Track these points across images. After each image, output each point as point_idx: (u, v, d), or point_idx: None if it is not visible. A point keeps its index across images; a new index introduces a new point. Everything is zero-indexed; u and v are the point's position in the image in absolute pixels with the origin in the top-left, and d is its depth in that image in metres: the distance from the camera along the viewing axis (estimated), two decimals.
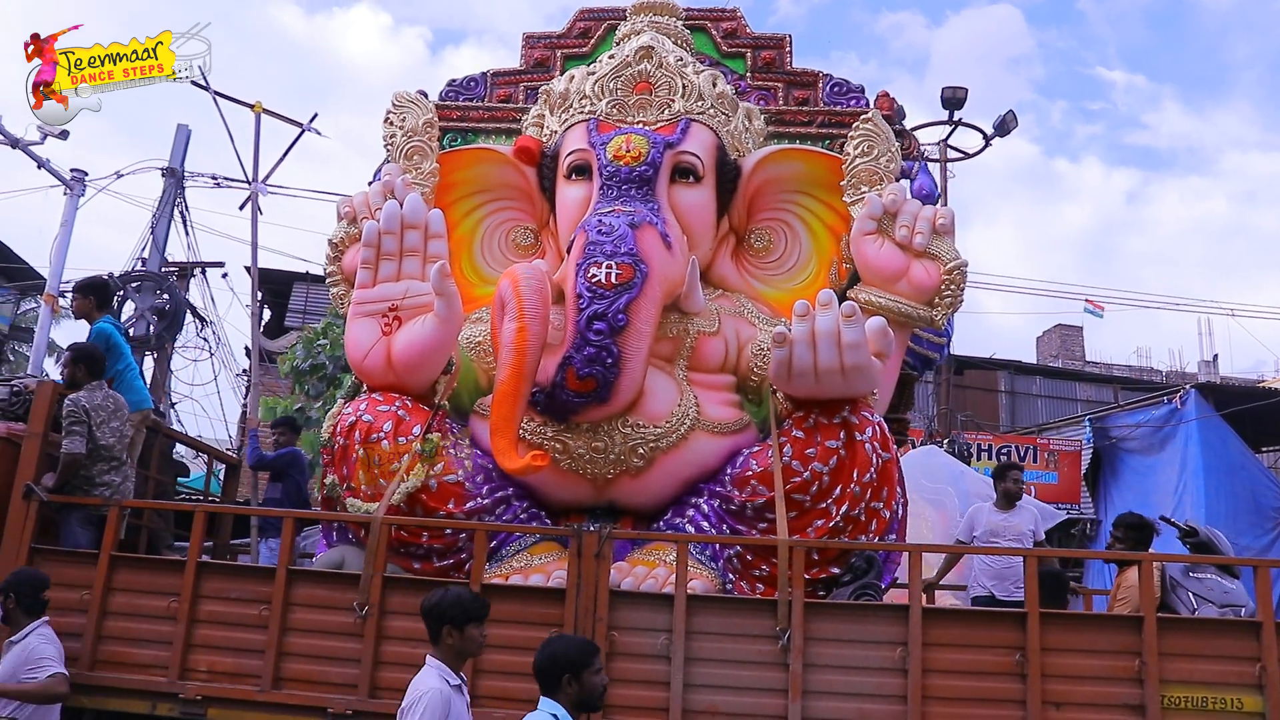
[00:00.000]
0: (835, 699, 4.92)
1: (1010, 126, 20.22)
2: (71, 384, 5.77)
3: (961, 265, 6.16)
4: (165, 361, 17.66)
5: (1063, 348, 24.65)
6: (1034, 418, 21.83)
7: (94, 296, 6.30)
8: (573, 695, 3.62)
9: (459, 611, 3.96)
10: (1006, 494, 7.14)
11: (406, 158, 6.47)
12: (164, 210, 17.15)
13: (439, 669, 3.94)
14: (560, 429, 5.65)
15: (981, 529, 7.13)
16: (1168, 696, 4.84)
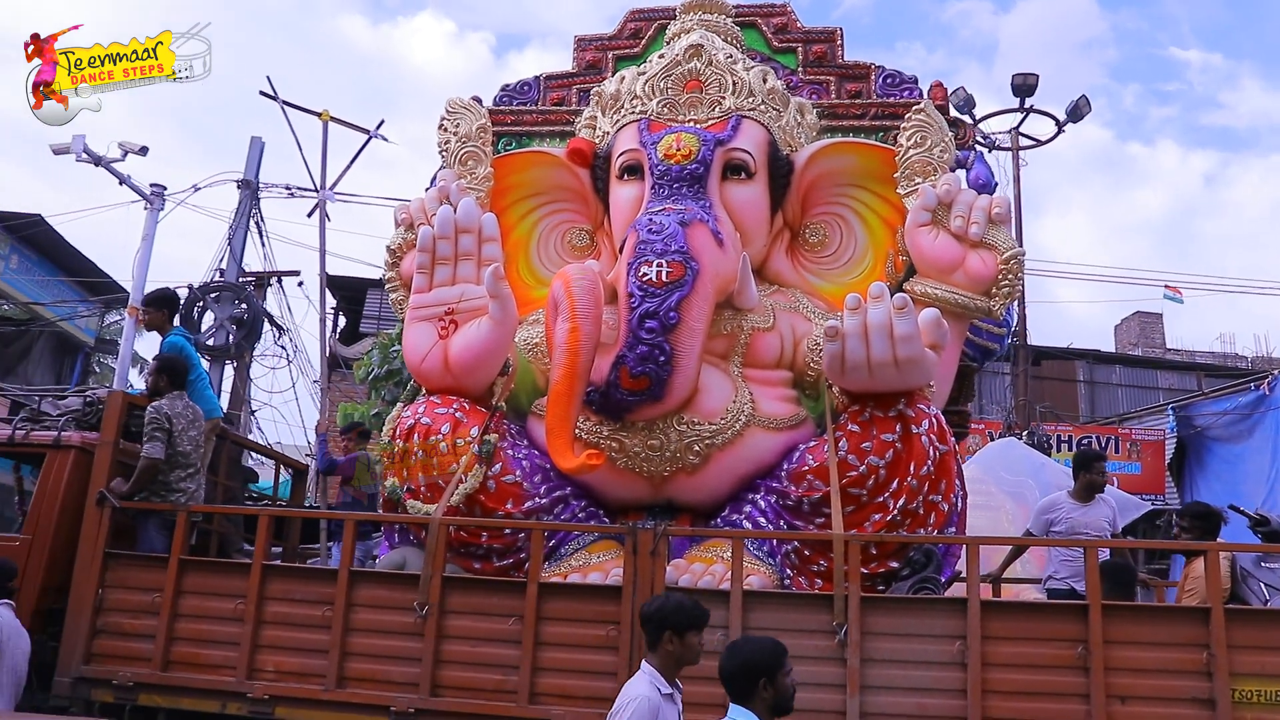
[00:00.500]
0: (893, 694, 4.89)
1: (1084, 111, 19.89)
2: (154, 392, 5.95)
3: (1018, 254, 6.07)
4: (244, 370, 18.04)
5: (1142, 335, 24.08)
6: (1114, 407, 21.38)
7: (166, 310, 6.49)
8: (769, 700, 3.50)
9: (682, 618, 3.84)
10: (1090, 485, 6.92)
11: (461, 163, 6.56)
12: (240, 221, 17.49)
13: (652, 676, 3.82)
14: (616, 428, 5.68)
15: (1063, 525, 6.96)
16: (1239, 690, 4.72)
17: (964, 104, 19.96)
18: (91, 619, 5.50)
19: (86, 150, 17.03)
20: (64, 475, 5.85)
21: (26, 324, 17.60)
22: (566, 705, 5.01)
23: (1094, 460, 6.91)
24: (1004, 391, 21.86)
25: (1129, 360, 22.76)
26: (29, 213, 16.83)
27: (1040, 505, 7.10)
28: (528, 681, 5.04)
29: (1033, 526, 7.07)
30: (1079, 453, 7.28)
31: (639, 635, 4.98)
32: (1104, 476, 6.84)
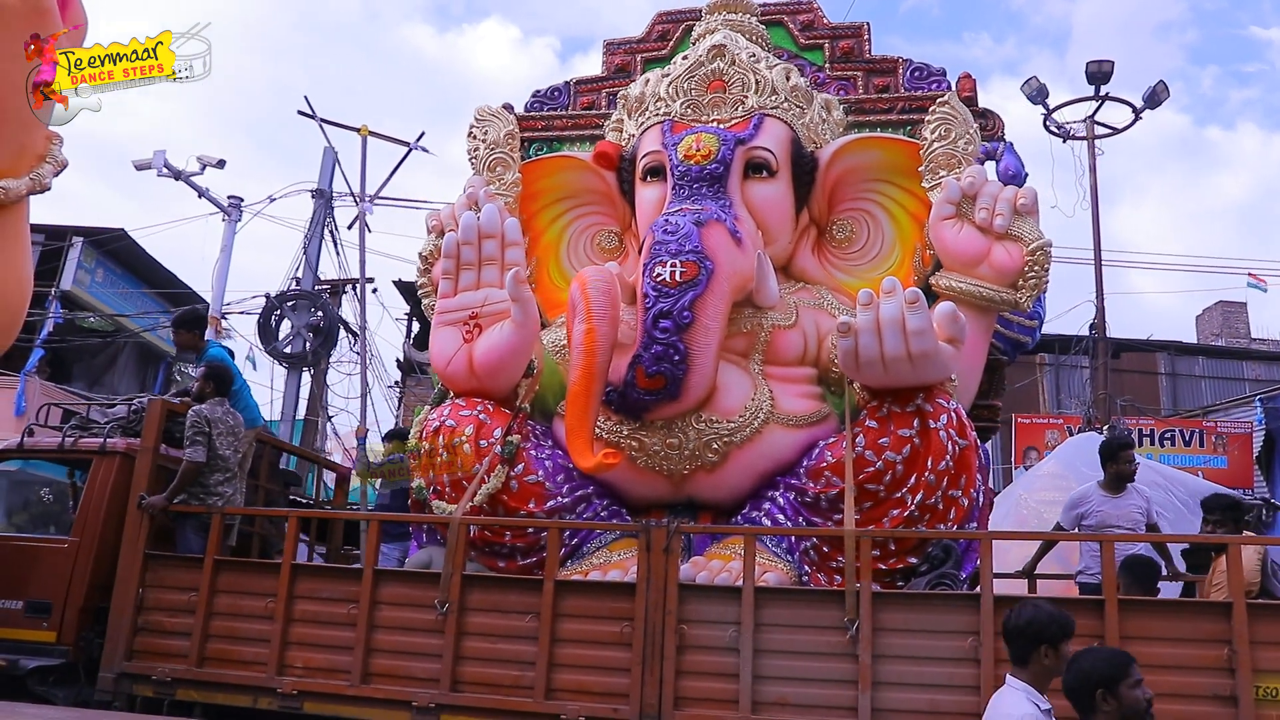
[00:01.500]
0: (906, 690, 4.88)
1: (1161, 97, 19.40)
2: (200, 398, 6.17)
3: (1045, 245, 5.99)
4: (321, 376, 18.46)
5: (1225, 325, 23.33)
6: (1198, 400, 20.81)
7: (196, 329, 6.73)
8: (1111, 713, 3.31)
9: (1058, 630, 3.56)
10: (1119, 476, 6.76)
11: (490, 169, 6.68)
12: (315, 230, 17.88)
13: (1027, 692, 3.52)
14: (635, 427, 5.75)
15: (1094, 519, 6.83)
16: (1263, 687, 4.63)
17: (1036, 94, 19.61)
18: (133, 617, 5.72)
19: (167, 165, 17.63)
20: (110, 480, 6.10)
21: (111, 335, 18.22)
22: (581, 701, 5.09)
23: (1119, 449, 6.72)
24: (1083, 386, 21.43)
25: (1212, 351, 22.10)
26: (113, 227, 17.42)
27: (1070, 498, 6.96)
28: (544, 677, 5.13)
29: (1063, 520, 6.94)
30: (1104, 442, 7.10)
31: (653, 631, 5.08)
32: (1132, 465, 6.65)
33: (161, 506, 5.83)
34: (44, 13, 3.96)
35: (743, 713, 4.91)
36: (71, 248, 16.97)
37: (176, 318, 7.17)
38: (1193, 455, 20.05)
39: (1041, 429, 20.75)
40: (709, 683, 5.05)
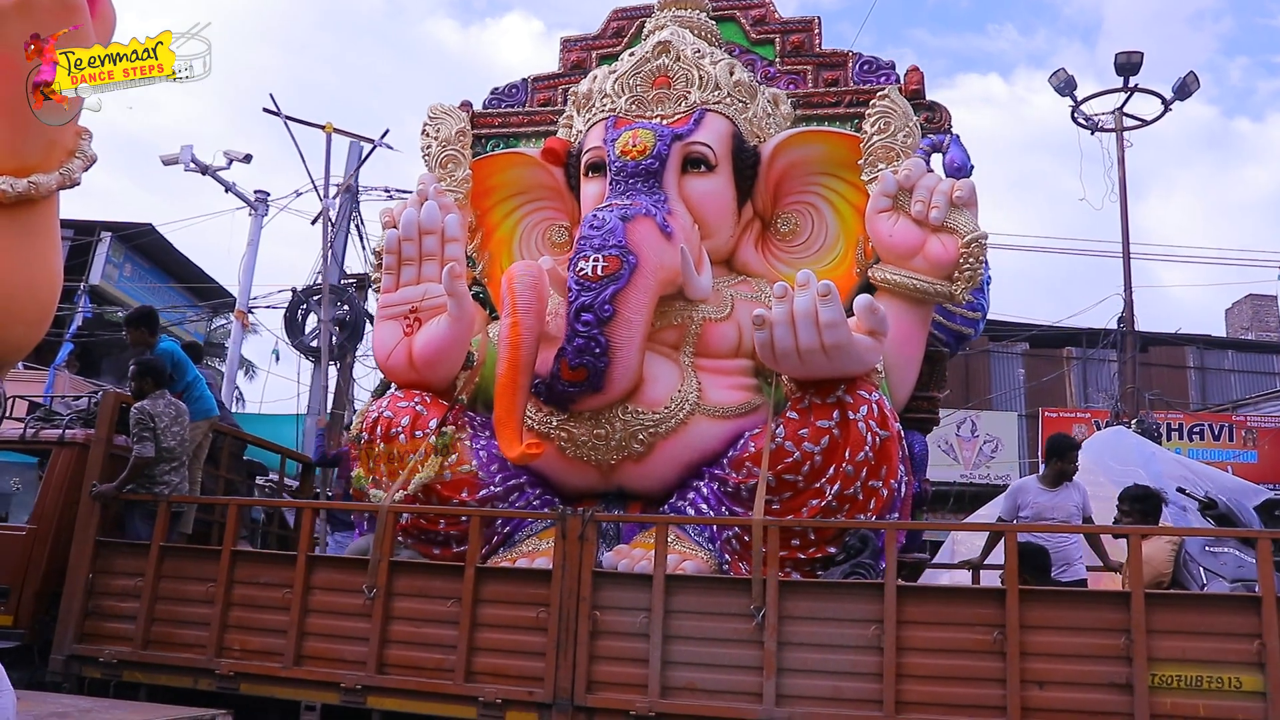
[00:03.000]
0: (810, 676, 4.98)
1: (1191, 89, 19.20)
2: (139, 394, 6.39)
3: (980, 237, 6.03)
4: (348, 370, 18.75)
5: (1255, 319, 22.95)
6: (1227, 394, 20.56)
7: (145, 327, 6.95)
8: None
9: None
10: (1060, 473, 6.85)
11: (441, 166, 6.84)
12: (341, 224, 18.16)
13: None
14: (564, 418, 5.88)
15: (1029, 510, 6.90)
16: (1158, 675, 4.68)
17: (1064, 85, 19.47)
18: (83, 602, 5.96)
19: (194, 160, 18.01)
20: (68, 470, 6.35)
21: None
22: (499, 684, 5.25)
23: (1069, 449, 6.84)
24: (1111, 379, 21.25)
25: (1242, 345, 21.83)
26: (140, 222, 17.87)
27: (1010, 489, 7.06)
28: (464, 660, 5.29)
29: (1002, 510, 7.01)
30: (1055, 438, 7.17)
31: (567, 616, 5.23)
32: (1075, 466, 6.75)
33: (111, 495, 6.06)
34: (72, 9, 4.12)
35: (651, 697, 5.04)
36: (100, 242, 17.41)
37: (127, 317, 7.40)
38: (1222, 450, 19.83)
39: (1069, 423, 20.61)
40: (620, 667, 5.18)
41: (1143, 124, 19.97)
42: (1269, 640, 4.59)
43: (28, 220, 4.89)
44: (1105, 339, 20.05)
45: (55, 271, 5.15)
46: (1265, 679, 4.57)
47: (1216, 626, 4.73)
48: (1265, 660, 4.58)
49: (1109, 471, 11.54)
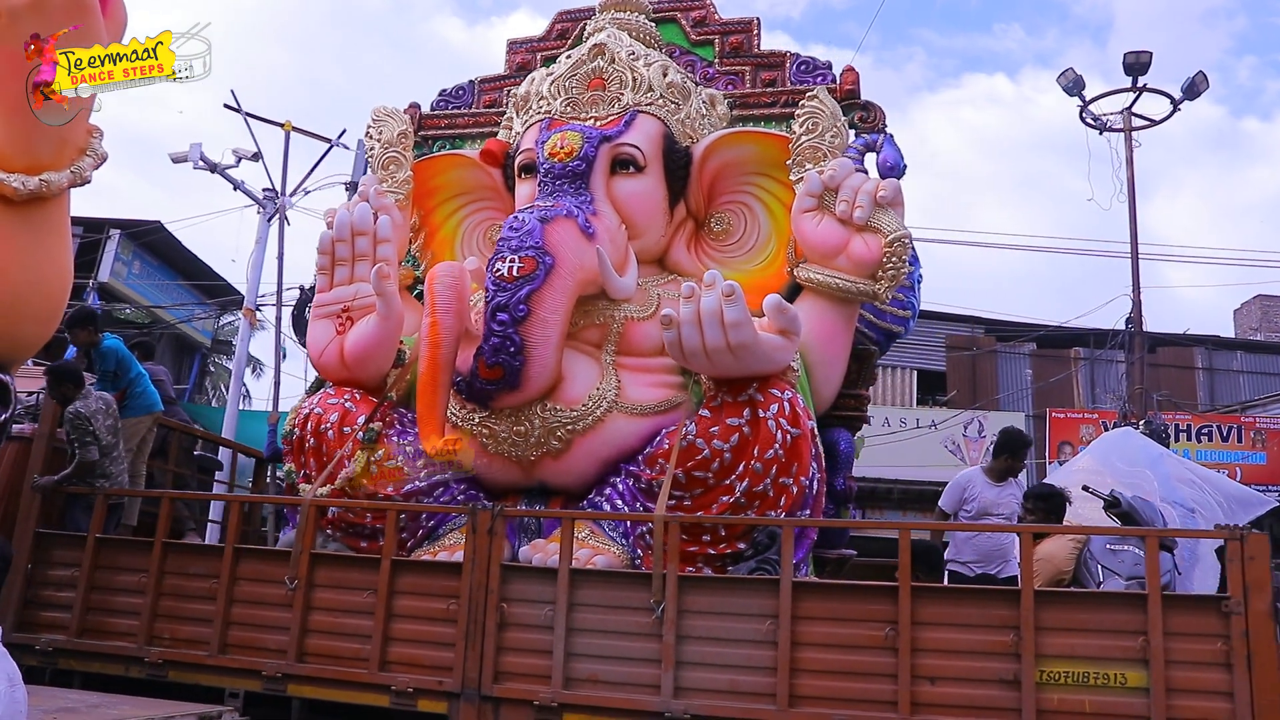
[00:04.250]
0: (708, 670, 5.08)
1: (1200, 89, 19.12)
2: (64, 400, 6.58)
3: (902, 236, 6.07)
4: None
5: (1264, 319, 22.72)
6: (1235, 395, 20.43)
7: (89, 326, 7.15)
8: None
9: None
10: (1009, 470, 6.91)
11: (383, 168, 6.98)
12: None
13: None
14: (486, 415, 6.00)
15: (974, 503, 6.97)
16: (1045, 671, 4.76)
17: (1073, 85, 19.41)
18: (22, 591, 6.17)
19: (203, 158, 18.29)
20: (11, 464, 6.56)
21: (148, 327, 18.99)
22: (411, 673, 5.39)
23: (1022, 446, 6.90)
24: (1119, 380, 21.17)
25: (1251, 345, 21.66)
26: (149, 220, 18.17)
27: (956, 480, 7.11)
28: (379, 650, 5.44)
29: (946, 500, 7.06)
30: (1009, 433, 7.22)
31: (476, 609, 5.36)
32: (1023, 464, 6.82)
33: (50, 488, 6.26)
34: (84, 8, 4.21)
35: (554, 688, 5.17)
36: (109, 240, 17.72)
37: (68, 321, 7.59)
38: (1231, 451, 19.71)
39: (1076, 424, 20.59)
40: (526, 658, 5.31)
41: (1151, 124, 19.87)
42: (1153, 637, 4.65)
43: (39, 218, 5.00)
44: (1113, 339, 19.98)
45: (65, 269, 5.23)
46: (1149, 675, 4.64)
47: (1104, 624, 4.80)
48: (1150, 657, 4.64)
49: (1116, 473, 11.51)
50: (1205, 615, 4.73)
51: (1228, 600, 4.68)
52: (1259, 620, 4.64)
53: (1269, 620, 4.62)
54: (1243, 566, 4.70)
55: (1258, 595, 4.68)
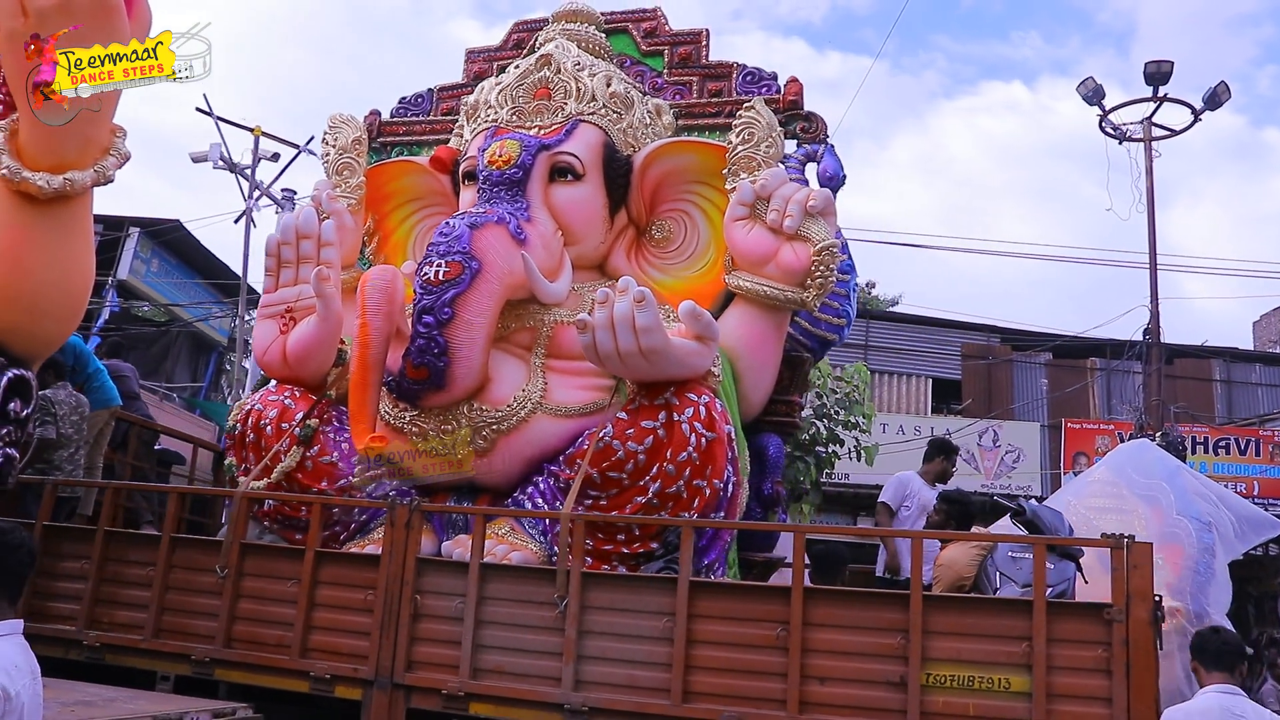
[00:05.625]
0: (607, 664, 5.21)
1: (1222, 99, 19.02)
2: (42, 385, 6.84)
3: (830, 245, 6.20)
4: None
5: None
6: (1254, 408, 20.23)
7: None
8: None
9: None
10: (943, 473, 7.03)
11: (337, 173, 7.20)
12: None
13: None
14: (416, 414, 6.19)
15: (915, 500, 7.08)
16: (932, 675, 4.85)
17: (1092, 94, 19.36)
18: None
19: (223, 158, 18.70)
20: None
21: (166, 325, 19.39)
22: (329, 660, 5.57)
23: (953, 451, 7.03)
24: (1135, 391, 21.03)
25: (1270, 358, 21.40)
26: (168, 219, 18.56)
27: (898, 478, 7.23)
28: (300, 637, 5.63)
29: (889, 496, 7.16)
30: (940, 439, 7.36)
31: (391, 600, 5.53)
32: (954, 470, 6.94)
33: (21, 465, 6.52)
34: (110, 9, 4.44)
35: (462, 678, 5.33)
36: (128, 238, 18.11)
37: None
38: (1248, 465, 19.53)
39: (1092, 434, 20.47)
40: (437, 649, 5.47)
41: (1172, 134, 19.78)
42: (1037, 643, 4.74)
43: (62, 216, 5.26)
44: (1130, 350, 19.85)
45: (88, 267, 5.46)
46: (1031, 680, 4.73)
47: (990, 629, 4.88)
48: (1033, 662, 4.74)
49: (1132, 484, 11.45)
50: (1088, 622, 4.80)
51: (1110, 608, 4.76)
52: (1139, 628, 4.71)
53: (1149, 628, 4.70)
54: (1126, 574, 4.78)
55: (1139, 603, 4.75)
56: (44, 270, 5.20)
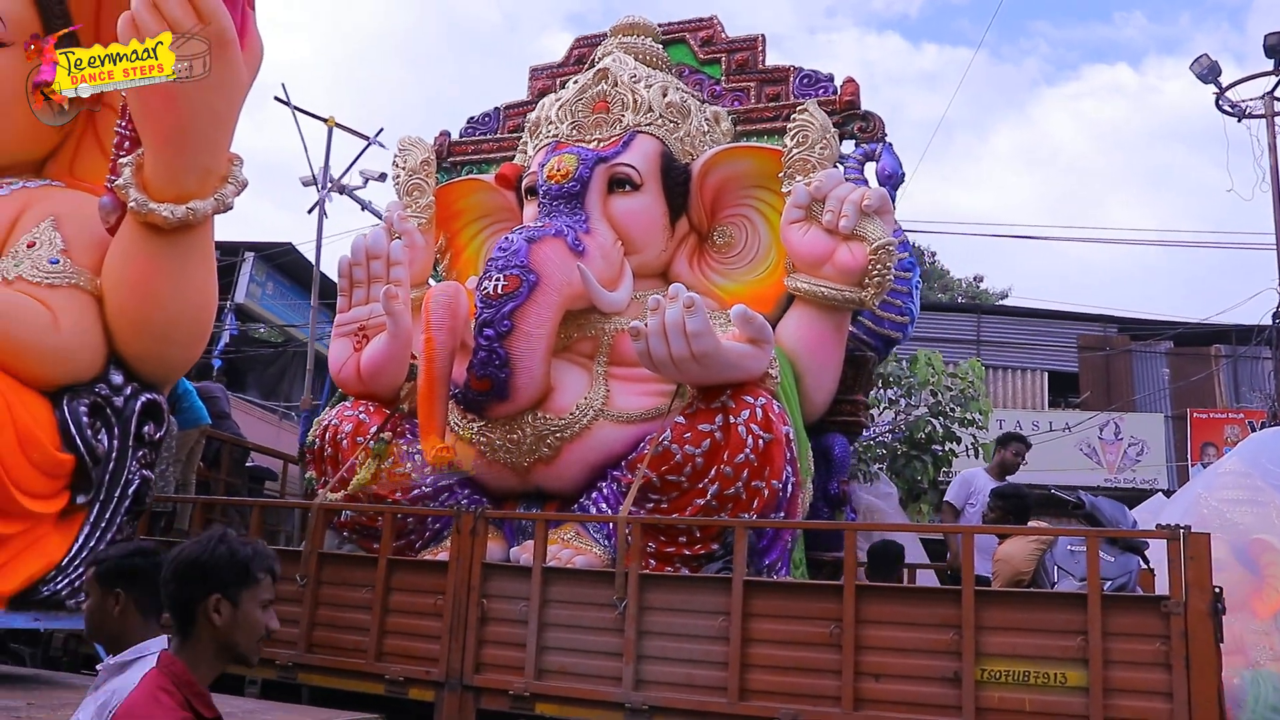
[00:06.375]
0: (666, 664, 5.32)
1: None
2: None
3: (887, 244, 6.20)
4: None
5: None
6: None
7: None
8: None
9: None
10: (1004, 465, 6.94)
11: (408, 194, 7.47)
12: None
13: None
14: (483, 424, 6.38)
15: (980, 500, 7.00)
16: (987, 670, 4.84)
17: (1207, 72, 18.72)
18: None
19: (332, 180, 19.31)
20: None
21: (282, 346, 20.08)
22: (403, 664, 5.79)
23: (1010, 440, 6.93)
24: (1265, 378, 20.21)
25: None
26: (280, 242, 19.22)
27: (962, 476, 7.17)
28: (376, 643, 5.87)
29: (954, 495, 7.10)
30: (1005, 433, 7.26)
31: (459, 604, 5.72)
32: (1018, 460, 6.84)
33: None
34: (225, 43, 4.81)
35: (527, 678, 5.49)
36: (244, 262, 18.81)
37: None
38: None
39: (1220, 424, 19.78)
40: (504, 651, 5.65)
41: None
42: (1092, 637, 4.69)
43: (186, 245, 5.74)
44: (1259, 335, 19.11)
45: (211, 293, 5.93)
46: (1088, 674, 4.68)
47: (1045, 623, 4.85)
48: (1089, 656, 4.69)
49: (1268, 475, 11.05)
50: (1145, 615, 4.73)
51: (1167, 600, 4.68)
52: (1198, 620, 4.62)
53: (1208, 620, 4.61)
54: (1183, 566, 4.70)
55: (1197, 595, 4.66)
56: (172, 298, 5.56)
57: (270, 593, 2.46)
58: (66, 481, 5.28)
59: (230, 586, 2.37)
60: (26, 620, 5.27)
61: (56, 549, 5.26)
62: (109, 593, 2.90)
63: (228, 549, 2.39)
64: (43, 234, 5.45)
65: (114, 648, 2.87)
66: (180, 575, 2.39)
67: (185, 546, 2.45)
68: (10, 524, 4.99)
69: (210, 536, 2.43)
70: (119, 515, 5.48)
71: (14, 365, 5.07)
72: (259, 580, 2.42)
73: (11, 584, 5.04)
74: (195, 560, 2.38)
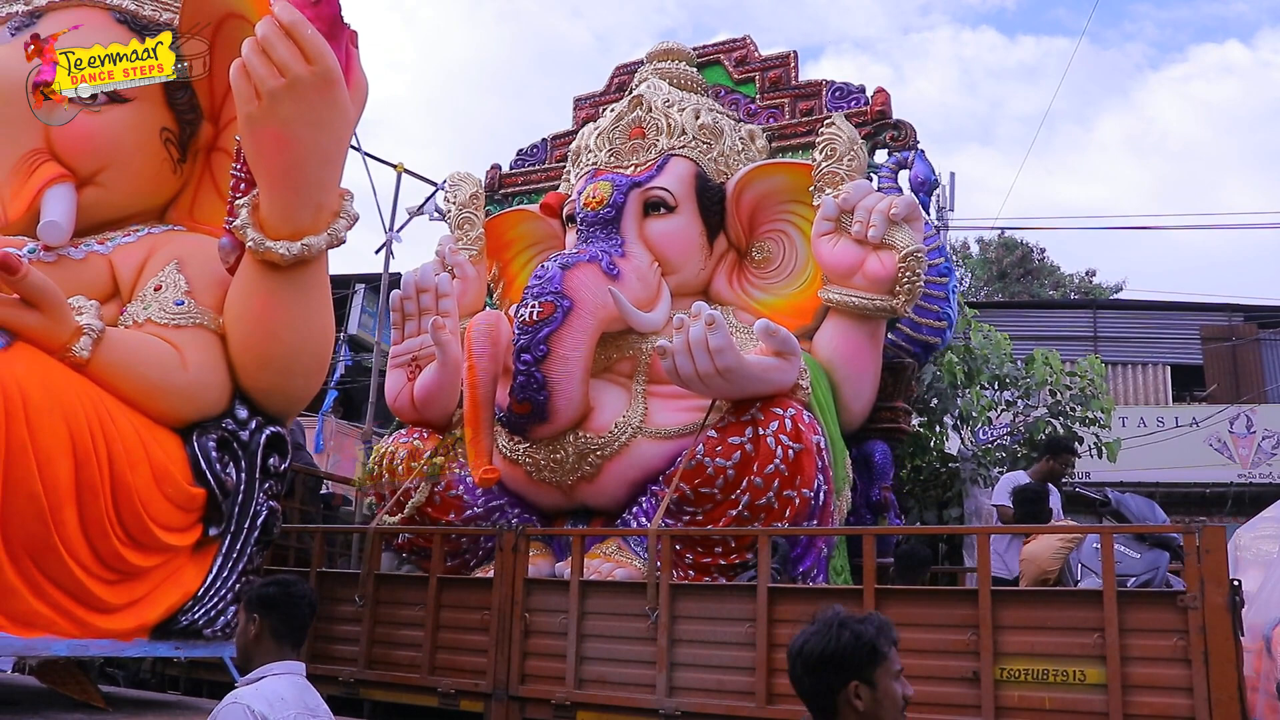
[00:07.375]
0: (697, 670, 5.48)
1: None
2: None
3: (916, 251, 6.29)
4: None
5: None
6: None
7: None
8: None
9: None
10: (1051, 474, 6.88)
11: (458, 227, 7.80)
12: None
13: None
14: (528, 445, 6.63)
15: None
16: (1006, 669, 4.89)
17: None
18: None
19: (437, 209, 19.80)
20: None
21: None
22: (453, 676, 6.06)
23: (1064, 450, 6.87)
24: None
25: None
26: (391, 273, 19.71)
27: (1007, 479, 7.12)
28: (429, 657, 6.15)
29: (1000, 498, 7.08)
30: (1052, 437, 7.19)
31: (504, 619, 5.97)
32: (1066, 469, 6.79)
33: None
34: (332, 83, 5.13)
35: (568, 688, 5.70)
36: (355, 294, 19.35)
37: None
38: None
39: None
40: (547, 662, 5.87)
41: None
42: (1109, 634, 4.70)
43: (303, 280, 6.21)
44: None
45: (328, 326, 6.34)
46: (1107, 671, 4.69)
47: (1062, 621, 4.87)
48: (1107, 653, 4.70)
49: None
50: (1162, 611, 4.73)
51: (1183, 595, 4.67)
52: (1216, 615, 4.61)
53: (1226, 614, 4.58)
54: (1199, 560, 4.68)
55: (1214, 589, 4.64)
56: (291, 332, 5.81)
57: (898, 662, 2.36)
58: (199, 515, 5.41)
59: (864, 669, 2.30)
60: (168, 649, 5.39)
61: (192, 580, 5.38)
62: (249, 617, 3.16)
63: (851, 633, 2.33)
64: (168, 277, 5.63)
65: (245, 667, 3.14)
66: (813, 669, 2.35)
67: (806, 638, 2.39)
68: (150, 557, 5.13)
69: (828, 622, 2.38)
70: (249, 545, 5.61)
71: (146, 405, 5.22)
72: (887, 655, 2.33)
73: (153, 615, 5.17)
74: (824, 653, 2.33)
